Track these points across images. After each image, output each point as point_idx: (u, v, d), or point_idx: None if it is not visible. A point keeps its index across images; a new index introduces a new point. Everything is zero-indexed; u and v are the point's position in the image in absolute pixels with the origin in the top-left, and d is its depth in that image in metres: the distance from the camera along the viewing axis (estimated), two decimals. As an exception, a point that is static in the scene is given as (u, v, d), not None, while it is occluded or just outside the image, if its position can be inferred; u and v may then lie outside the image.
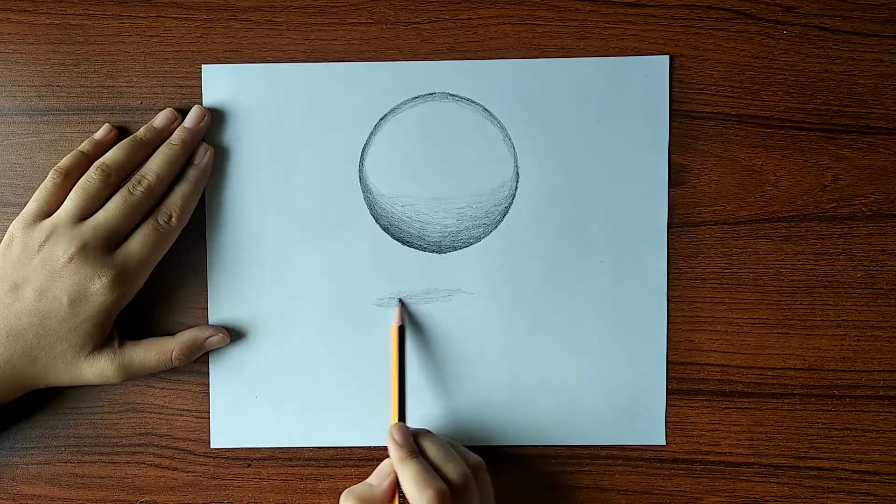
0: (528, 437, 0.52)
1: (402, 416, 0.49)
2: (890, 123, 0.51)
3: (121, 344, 0.49)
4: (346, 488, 0.46)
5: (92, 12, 0.51)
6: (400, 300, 0.51)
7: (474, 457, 0.48)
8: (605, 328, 0.51)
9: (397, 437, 0.47)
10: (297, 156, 0.51)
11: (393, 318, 0.51)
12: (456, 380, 0.52)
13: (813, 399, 0.52)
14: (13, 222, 0.48)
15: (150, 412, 0.52)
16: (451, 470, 0.46)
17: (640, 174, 0.51)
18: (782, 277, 0.52)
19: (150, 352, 0.49)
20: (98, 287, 0.46)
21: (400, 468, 0.46)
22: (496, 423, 0.52)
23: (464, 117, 0.51)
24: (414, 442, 0.47)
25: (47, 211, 0.48)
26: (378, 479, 0.47)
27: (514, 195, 0.51)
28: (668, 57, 0.51)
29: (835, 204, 0.51)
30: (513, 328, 0.51)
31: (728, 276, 0.52)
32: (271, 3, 0.51)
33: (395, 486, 0.46)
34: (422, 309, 0.51)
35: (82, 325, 0.47)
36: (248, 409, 0.52)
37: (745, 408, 0.52)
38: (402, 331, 0.50)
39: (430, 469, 0.45)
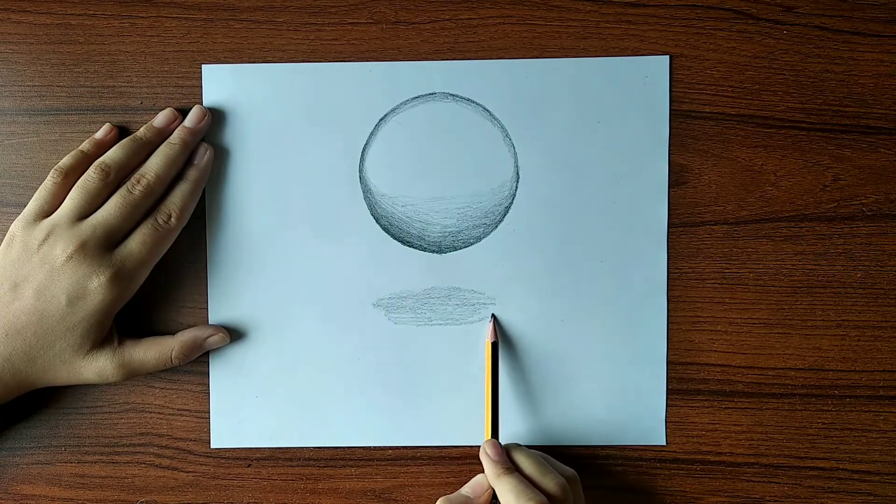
0: (528, 436, 0.52)
1: (494, 432, 0.49)
2: (890, 123, 0.51)
3: (120, 343, 0.49)
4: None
5: (92, 12, 0.51)
6: (493, 315, 0.51)
7: (569, 469, 0.49)
8: (605, 328, 0.51)
9: (491, 452, 0.48)
10: (297, 156, 0.51)
11: (487, 335, 0.51)
12: (455, 380, 0.52)
13: (813, 399, 0.52)
14: (14, 222, 0.48)
15: (150, 412, 0.52)
16: (549, 482, 0.46)
17: (640, 174, 0.51)
18: (782, 277, 0.52)
19: (149, 351, 0.49)
20: (96, 285, 0.46)
21: (497, 483, 0.46)
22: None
23: (464, 117, 0.51)
24: (507, 457, 0.48)
25: (48, 210, 0.48)
26: (473, 491, 0.48)
27: (514, 195, 0.51)
28: (668, 57, 0.51)
29: (835, 204, 0.51)
30: (512, 328, 0.51)
31: (728, 276, 0.52)
32: (271, 3, 0.51)
33: (491, 502, 0.47)
34: (421, 309, 0.51)
35: (81, 324, 0.47)
36: (248, 409, 0.52)
37: (746, 408, 0.52)
38: (495, 347, 0.50)
39: (528, 483, 0.46)
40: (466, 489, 0.48)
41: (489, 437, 0.49)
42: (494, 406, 0.49)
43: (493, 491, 0.47)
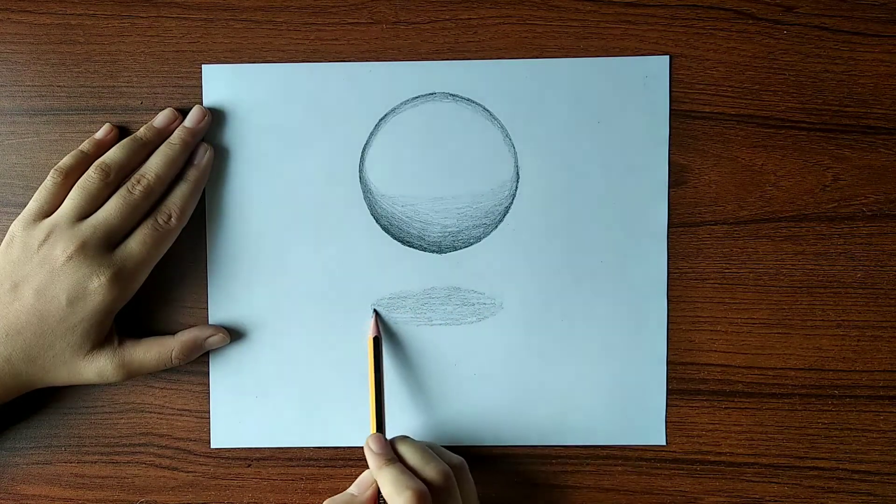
0: (528, 437, 0.52)
1: (380, 426, 0.49)
2: (890, 123, 0.51)
3: (120, 343, 0.49)
4: (333, 493, 0.47)
5: (92, 12, 0.51)
6: (375, 310, 0.51)
7: (455, 457, 0.49)
8: (605, 328, 0.51)
9: (374, 446, 0.47)
10: (297, 156, 0.51)
11: (368, 330, 0.51)
12: (455, 380, 0.52)
13: (813, 399, 0.52)
14: (14, 222, 0.48)
15: (150, 412, 0.52)
16: (431, 471, 0.46)
17: (640, 174, 0.51)
18: (782, 277, 0.52)
19: (150, 351, 0.49)
20: (96, 286, 0.46)
21: (378, 475, 0.46)
22: (496, 423, 0.52)
23: (464, 117, 0.51)
24: (392, 449, 0.48)
25: (47, 210, 0.48)
26: (359, 489, 0.48)
27: (514, 195, 0.51)
28: (668, 57, 0.51)
29: (835, 204, 0.51)
30: (513, 328, 0.51)
31: (728, 276, 0.52)
32: (271, 3, 0.51)
33: (377, 497, 0.47)
34: (421, 309, 0.51)
35: (81, 324, 0.47)
36: (248, 409, 0.52)
37: (746, 408, 0.52)
38: (377, 342, 0.50)
39: (407, 472, 0.46)
40: (352, 487, 0.48)
41: (374, 431, 0.49)
42: (379, 401, 0.49)
43: (378, 488, 0.47)
